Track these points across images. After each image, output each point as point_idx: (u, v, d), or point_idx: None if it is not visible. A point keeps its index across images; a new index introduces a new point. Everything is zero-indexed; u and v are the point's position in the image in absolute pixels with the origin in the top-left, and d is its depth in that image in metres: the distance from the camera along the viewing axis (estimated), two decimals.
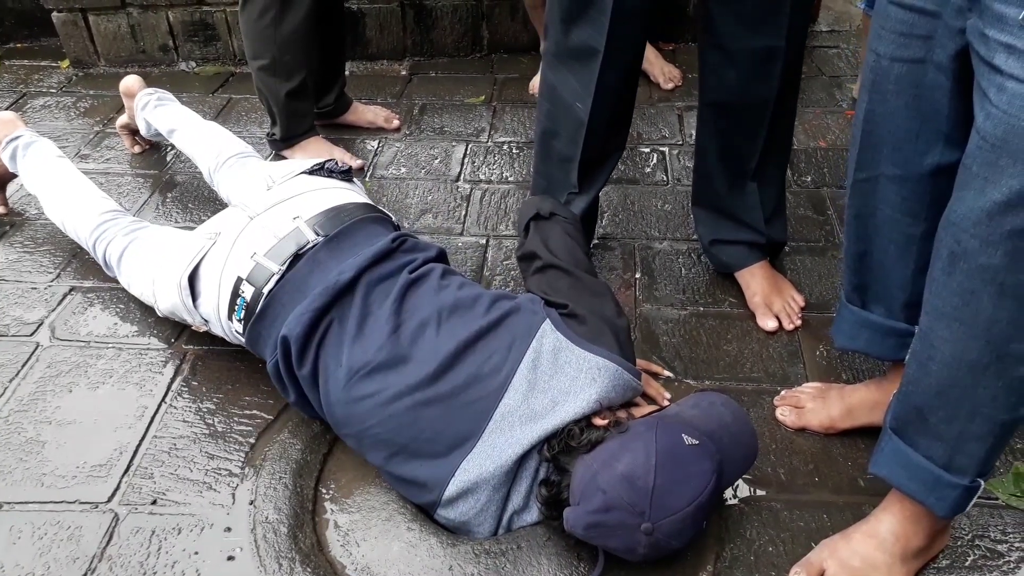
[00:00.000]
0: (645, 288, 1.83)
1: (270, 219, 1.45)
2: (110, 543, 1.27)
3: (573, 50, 1.55)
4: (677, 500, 1.08)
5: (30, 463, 1.40)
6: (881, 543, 1.19)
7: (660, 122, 2.51)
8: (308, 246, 1.40)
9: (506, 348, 1.25)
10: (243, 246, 1.42)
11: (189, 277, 1.46)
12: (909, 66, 1.09)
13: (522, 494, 1.23)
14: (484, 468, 1.19)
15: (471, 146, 2.39)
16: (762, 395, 1.55)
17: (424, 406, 1.22)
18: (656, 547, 1.10)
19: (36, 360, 1.61)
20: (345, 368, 1.28)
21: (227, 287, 1.41)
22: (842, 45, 2.99)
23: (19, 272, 1.85)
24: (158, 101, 2.09)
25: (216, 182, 1.88)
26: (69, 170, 1.86)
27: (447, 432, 1.21)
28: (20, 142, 1.88)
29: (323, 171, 1.59)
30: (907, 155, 1.14)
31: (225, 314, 1.43)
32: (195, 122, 2.01)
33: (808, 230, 2.02)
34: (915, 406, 1.12)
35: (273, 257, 1.39)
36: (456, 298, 1.33)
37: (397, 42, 2.88)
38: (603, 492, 1.09)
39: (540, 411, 1.21)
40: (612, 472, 1.10)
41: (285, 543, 1.26)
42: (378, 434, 1.25)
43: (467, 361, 1.25)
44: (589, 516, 1.11)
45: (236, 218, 1.49)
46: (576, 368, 1.24)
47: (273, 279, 1.37)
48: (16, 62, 2.88)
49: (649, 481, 1.07)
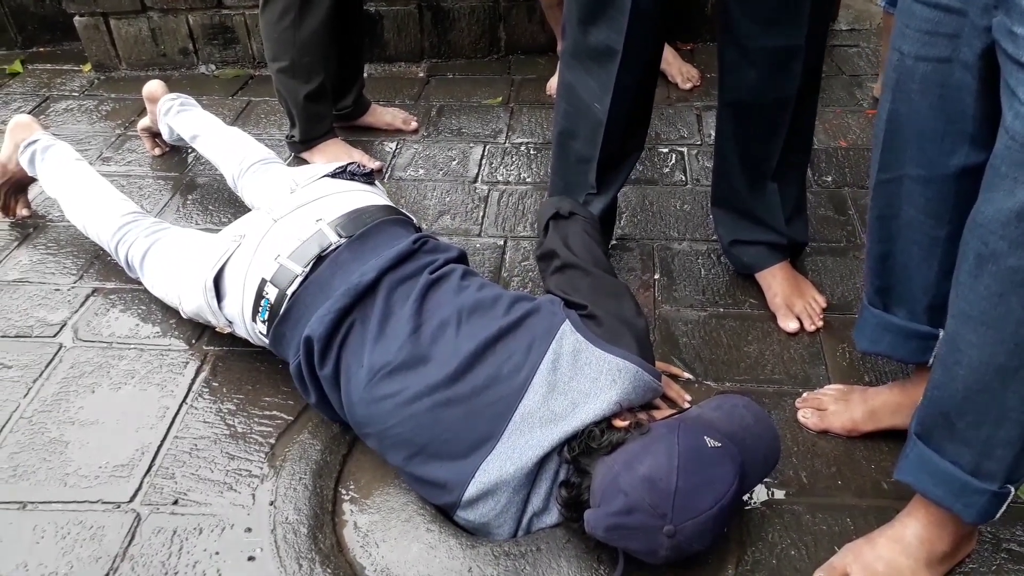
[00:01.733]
0: (664, 289, 1.82)
1: (293, 222, 1.46)
2: (132, 543, 1.28)
3: (591, 50, 1.55)
4: (700, 502, 1.08)
5: (53, 463, 1.41)
6: (906, 548, 1.18)
7: (679, 122, 2.50)
8: (331, 248, 1.41)
9: (525, 349, 1.25)
10: (267, 248, 1.44)
11: (214, 279, 1.47)
12: (934, 65, 1.07)
13: (542, 496, 1.22)
14: (504, 470, 1.19)
15: (489, 147, 2.39)
16: (783, 397, 1.53)
17: (444, 407, 1.23)
18: (678, 549, 1.09)
19: (59, 361, 1.62)
20: (366, 368, 1.28)
21: (251, 289, 1.42)
22: (862, 44, 2.96)
23: (42, 274, 1.87)
24: (180, 107, 2.10)
25: (240, 188, 1.89)
26: (88, 173, 1.87)
27: (467, 433, 1.21)
28: (38, 146, 1.90)
29: (345, 174, 1.60)
30: (932, 156, 1.13)
31: (249, 315, 1.44)
32: (218, 128, 2.03)
33: (829, 230, 2.00)
34: (941, 411, 1.10)
35: (296, 259, 1.40)
36: (476, 299, 1.33)
37: (415, 44, 2.88)
38: (625, 494, 1.09)
39: (560, 413, 1.21)
40: (634, 474, 1.09)
41: (305, 544, 1.26)
42: (399, 434, 1.25)
43: (487, 362, 1.25)
44: (610, 518, 1.10)
45: (260, 221, 1.50)
46: (596, 370, 1.23)
47: (296, 281, 1.38)
48: (39, 66, 2.92)
49: (672, 483, 1.06)
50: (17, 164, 1.93)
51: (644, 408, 1.30)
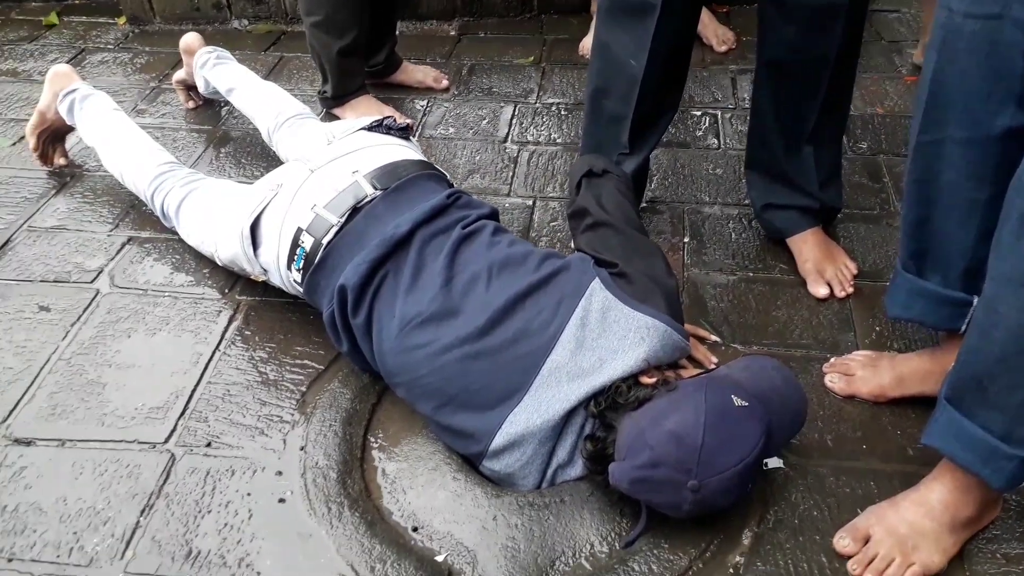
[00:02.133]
0: (693, 252, 1.81)
1: (330, 172, 1.47)
2: (167, 481, 1.32)
3: (629, 6, 1.53)
4: (725, 459, 1.08)
5: (91, 403, 1.45)
6: (930, 511, 1.18)
7: (713, 85, 2.46)
8: (366, 199, 1.42)
9: (555, 305, 1.26)
10: (304, 198, 1.45)
11: (251, 227, 1.49)
12: (984, 22, 1.05)
13: (567, 449, 1.24)
14: (531, 422, 1.20)
15: (519, 107, 2.38)
16: (811, 362, 1.53)
17: (473, 358, 1.24)
18: (702, 504, 1.11)
19: (96, 306, 1.66)
20: (398, 318, 1.30)
21: (287, 237, 1.44)
22: (903, 9, 2.89)
23: (80, 222, 1.90)
24: (217, 60, 2.12)
25: (275, 141, 1.91)
26: (126, 122, 1.89)
27: (495, 385, 1.23)
28: (77, 95, 1.92)
29: (382, 128, 1.61)
30: (977, 116, 1.10)
31: (284, 263, 1.46)
32: (254, 82, 2.04)
33: (863, 197, 1.97)
34: (974, 375, 1.09)
35: (332, 209, 1.41)
36: (507, 254, 1.34)
37: (447, 2, 2.86)
38: (651, 448, 1.10)
39: (588, 368, 1.22)
40: (660, 429, 1.10)
41: (334, 488, 1.29)
42: (429, 384, 1.27)
43: (516, 316, 1.26)
44: (636, 471, 1.12)
45: (297, 171, 1.52)
46: (625, 327, 1.24)
47: (332, 230, 1.40)
48: (75, 19, 2.93)
49: (698, 439, 1.07)
50: (56, 112, 1.95)
51: (671, 367, 1.30)
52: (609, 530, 1.23)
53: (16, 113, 2.33)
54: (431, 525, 1.24)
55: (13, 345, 1.56)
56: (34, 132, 1.99)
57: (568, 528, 1.23)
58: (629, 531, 1.22)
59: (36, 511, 1.27)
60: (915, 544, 1.16)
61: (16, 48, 2.72)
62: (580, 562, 1.19)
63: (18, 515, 1.26)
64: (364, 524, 1.24)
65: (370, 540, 1.21)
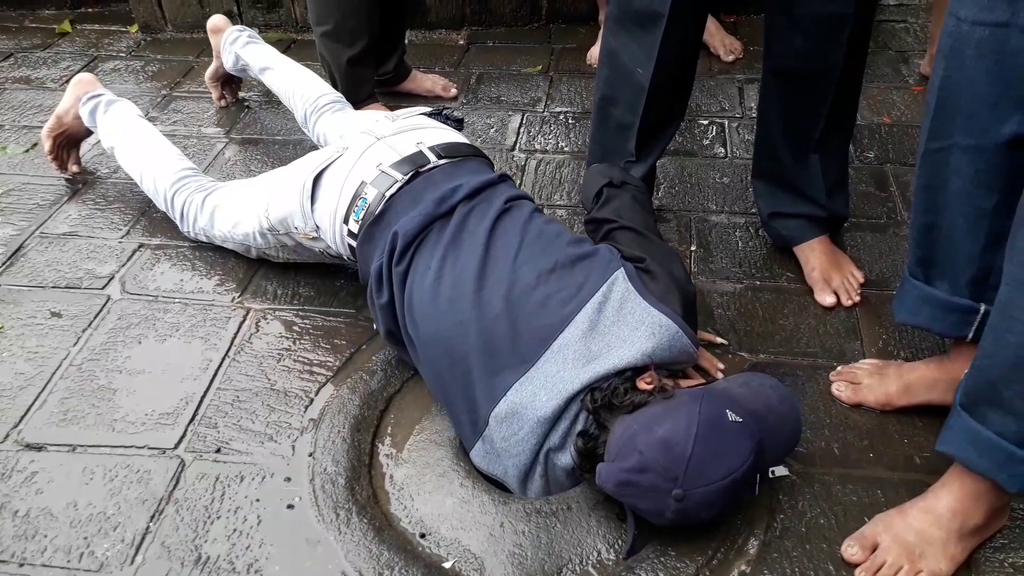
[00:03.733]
0: (700, 260, 1.82)
1: (396, 141, 1.55)
2: (177, 487, 1.33)
3: (636, 14, 1.54)
4: (712, 472, 1.09)
5: (102, 409, 1.46)
6: (937, 519, 1.18)
7: (720, 94, 2.47)
8: (428, 167, 1.49)
9: (577, 286, 1.29)
10: (369, 158, 1.52)
11: (313, 181, 1.54)
12: (992, 30, 1.05)
13: (560, 433, 1.24)
14: (537, 397, 1.21)
15: (527, 116, 2.39)
16: (818, 370, 1.53)
17: (492, 320, 1.27)
18: (684, 514, 1.11)
19: (107, 312, 1.67)
20: (433, 271, 1.34)
21: (349, 190, 1.50)
22: (910, 19, 2.90)
23: (91, 228, 1.92)
24: (249, 38, 2.19)
25: (314, 123, 1.97)
26: (151, 129, 1.94)
27: (507, 351, 1.25)
28: (103, 99, 1.96)
29: (440, 116, 1.71)
30: (983, 124, 1.11)
31: (342, 216, 1.50)
32: (290, 63, 2.11)
33: (870, 206, 1.98)
34: (989, 380, 1.09)
35: (397, 168, 1.49)
36: (541, 230, 1.39)
37: (456, 11, 2.88)
38: (640, 453, 1.10)
39: (595, 353, 1.24)
40: (651, 435, 1.11)
41: (342, 494, 1.30)
42: (448, 338, 1.29)
43: (538, 290, 1.29)
44: (622, 474, 1.12)
45: (363, 138, 1.58)
46: (638, 320, 1.25)
47: (396, 186, 1.46)
48: (88, 27, 2.97)
49: (687, 449, 1.08)
50: (74, 117, 1.98)
51: (674, 375, 1.31)
52: (616, 537, 1.23)
53: (29, 120, 2.36)
54: (439, 531, 1.25)
55: (25, 351, 1.58)
56: (50, 135, 2.01)
57: (575, 535, 1.23)
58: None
59: (47, 516, 1.28)
60: (922, 552, 1.16)
61: (30, 56, 2.75)
62: (587, 569, 1.20)
63: (29, 520, 1.28)
64: (372, 530, 1.24)
65: (378, 546, 1.22)
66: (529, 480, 1.26)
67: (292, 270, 1.77)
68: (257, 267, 1.78)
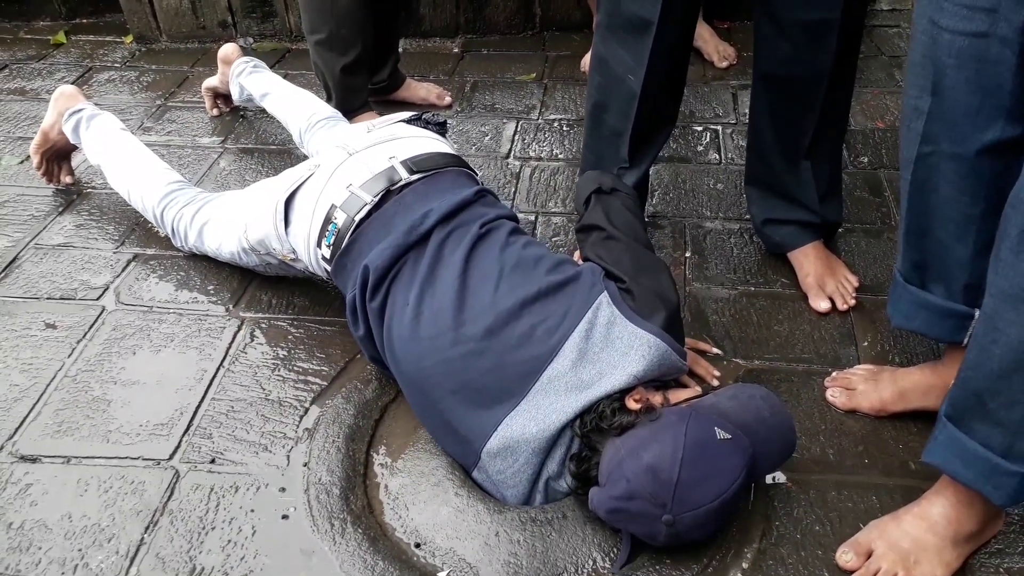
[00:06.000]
0: (695, 267, 1.82)
1: (368, 156, 1.52)
2: (171, 498, 1.32)
3: (626, 22, 1.54)
4: (701, 496, 1.09)
5: (96, 420, 1.46)
6: (932, 526, 1.18)
7: (714, 101, 2.48)
8: (400, 183, 1.46)
9: (561, 315, 1.27)
10: (340, 177, 1.49)
11: (285, 203, 1.52)
12: (971, 40, 1.06)
13: (557, 461, 1.24)
14: (527, 429, 1.21)
15: (521, 123, 2.40)
16: (812, 376, 1.53)
17: (477, 356, 1.25)
18: (677, 537, 1.12)
19: (102, 323, 1.67)
20: (411, 307, 1.32)
21: (321, 213, 1.47)
22: (903, 24, 2.91)
23: (86, 239, 1.92)
24: (253, 68, 2.23)
25: (306, 141, 1.98)
26: (133, 142, 1.92)
27: (494, 385, 1.24)
28: (83, 115, 1.94)
29: (420, 121, 1.67)
30: (965, 131, 1.11)
31: (315, 240, 1.48)
32: (288, 87, 2.14)
33: (864, 211, 1.98)
34: (974, 391, 1.09)
35: (367, 189, 1.45)
36: (520, 256, 1.36)
37: (450, 19, 2.89)
38: (627, 480, 1.11)
39: (587, 381, 1.23)
40: (638, 462, 1.11)
41: (337, 504, 1.30)
42: (430, 375, 1.28)
43: (522, 321, 1.27)
44: (612, 501, 1.13)
45: (335, 154, 1.55)
46: (627, 344, 1.25)
47: (365, 208, 1.43)
48: (82, 37, 2.97)
49: (674, 475, 1.08)
50: (59, 132, 1.98)
51: (665, 386, 1.31)
52: (611, 546, 1.23)
53: (24, 131, 2.36)
54: (434, 541, 1.25)
55: (20, 362, 1.58)
56: (38, 151, 2.01)
57: (570, 544, 1.23)
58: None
59: (41, 528, 1.28)
60: (917, 558, 1.16)
61: (24, 67, 2.75)
62: None
63: (24, 532, 1.27)
64: (367, 540, 1.24)
65: (373, 556, 1.22)
66: (530, 503, 1.27)
67: (286, 280, 1.77)
68: (252, 277, 1.78)
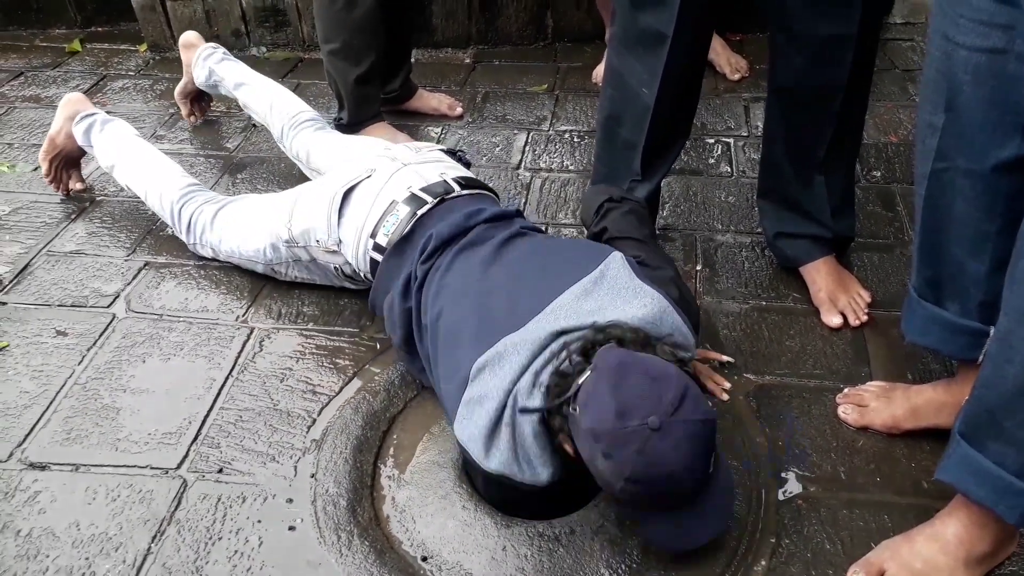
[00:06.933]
0: (706, 280, 1.81)
1: (422, 169, 1.61)
2: (179, 507, 1.32)
3: (640, 35, 1.54)
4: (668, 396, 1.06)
5: (105, 428, 1.46)
6: (944, 546, 1.16)
7: (726, 113, 2.47)
8: (453, 194, 1.55)
9: (575, 264, 1.32)
10: (399, 180, 1.58)
11: (343, 196, 1.57)
12: (989, 56, 1.05)
13: (532, 373, 1.20)
14: (519, 347, 1.21)
15: (532, 134, 2.40)
16: (824, 392, 1.52)
17: (493, 294, 1.32)
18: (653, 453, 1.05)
19: (112, 331, 1.67)
20: (445, 265, 1.41)
21: (380, 207, 1.54)
22: (917, 38, 2.90)
23: (97, 246, 1.93)
24: (224, 55, 2.21)
25: (291, 138, 1.98)
26: (150, 147, 1.95)
27: (502, 318, 1.26)
28: (98, 118, 1.96)
29: (454, 156, 1.75)
30: (982, 148, 1.10)
31: (370, 230, 1.54)
32: (267, 80, 2.13)
33: (877, 226, 1.97)
34: (988, 409, 1.08)
35: (427, 191, 1.55)
36: (554, 240, 1.50)
37: (462, 30, 2.90)
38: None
39: (587, 311, 1.24)
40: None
41: (344, 516, 1.29)
42: (450, 312, 1.33)
43: (540, 267, 1.35)
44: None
45: (389, 163, 1.62)
46: (632, 293, 1.27)
47: (426, 207, 1.52)
48: (97, 45, 2.99)
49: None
50: (67, 137, 1.98)
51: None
52: (619, 561, 1.22)
53: (39, 139, 2.36)
54: (440, 555, 1.24)
55: (30, 369, 1.58)
56: (46, 158, 2.03)
57: (578, 559, 1.22)
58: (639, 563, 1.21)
59: (49, 536, 1.28)
60: None
61: (39, 75, 2.77)
62: None
63: (31, 540, 1.27)
64: (374, 553, 1.24)
65: (379, 569, 1.21)
66: (495, 437, 1.18)
67: (296, 289, 1.77)
68: (262, 286, 1.78)
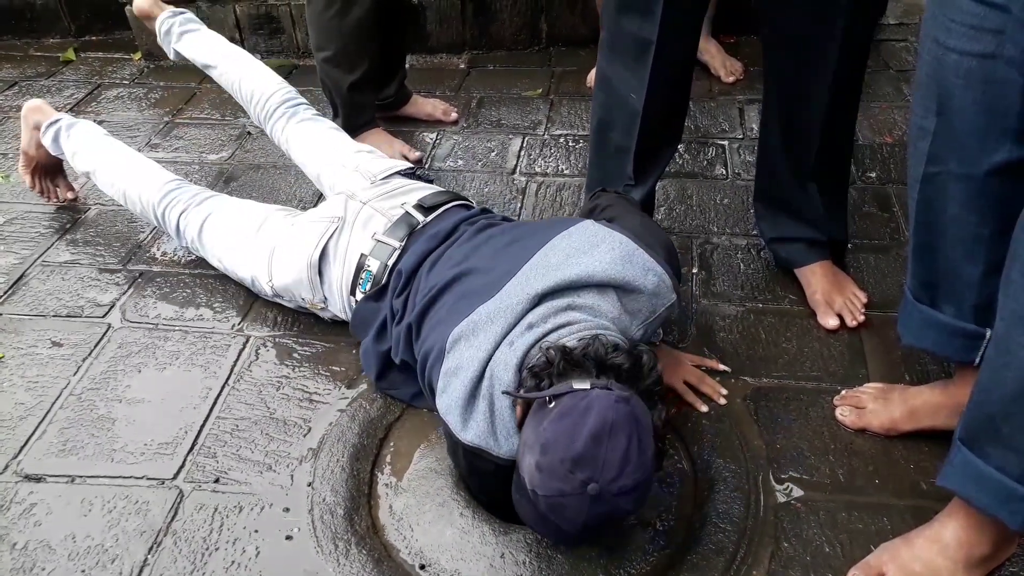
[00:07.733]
0: (702, 283, 1.81)
1: (381, 206, 1.60)
2: (175, 518, 1.32)
3: (626, 41, 1.54)
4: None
5: (101, 439, 1.46)
6: (944, 549, 1.16)
7: (721, 116, 2.47)
8: (419, 225, 1.56)
9: (546, 230, 1.37)
10: (363, 228, 1.58)
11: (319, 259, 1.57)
12: (979, 61, 1.05)
13: (511, 338, 1.22)
14: (495, 314, 1.23)
15: (527, 139, 2.39)
16: (821, 394, 1.52)
17: (472, 275, 1.35)
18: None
19: (108, 341, 1.67)
20: (429, 262, 1.46)
21: (352, 263, 1.55)
22: (910, 38, 2.90)
23: (93, 256, 1.92)
24: (184, 24, 2.06)
25: (272, 124, 1.96)
26: (121, 146, 1.90)
27: (478, 290, 1.30)
28: (62, 123, 1.91)
29: (414, 176, 1.75)
30: (974, 152, 1.10)
31: (348, 290, 1.56)
32: (234, 59, 2.02)
33: (872, 227, 1.97)
34: (988, 415, 1.08)
35: (391, 235, 1.55)
36: (524, 223, 1.53)
37: (456, 36, 2.90)
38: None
39: (555, 264, 1.28)
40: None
41: (341, 525, 1.29)
42: (433, 289, 1.37)
43: (511, 239, 1.40)
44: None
45: (350, 205, 1.62)
46: (599, 240, 1.31)
47: (395, 253, 1.52)
48: (91, 54, 2.99)
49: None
50: (38, 147, 1.96)
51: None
52: (617, 568, 1.21)
53: None
54: (438, 563, 1.24)
55: (25, 380, 1.58)
56: (26, 172, 2.01)
57: (576, 566, 1.21)
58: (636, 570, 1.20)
59: (45, 548, 1.27)
60: None
61: (34, 84, 2.77)
62: None
63: (27, 552, 1.27)
64: (371, 562, 1.23)
65: None
66: (471, 409, 1.17)
67: None
68: (257, 295, 1.78)
